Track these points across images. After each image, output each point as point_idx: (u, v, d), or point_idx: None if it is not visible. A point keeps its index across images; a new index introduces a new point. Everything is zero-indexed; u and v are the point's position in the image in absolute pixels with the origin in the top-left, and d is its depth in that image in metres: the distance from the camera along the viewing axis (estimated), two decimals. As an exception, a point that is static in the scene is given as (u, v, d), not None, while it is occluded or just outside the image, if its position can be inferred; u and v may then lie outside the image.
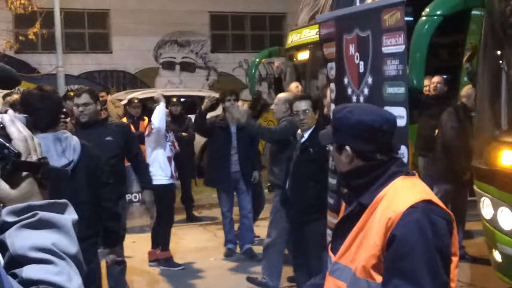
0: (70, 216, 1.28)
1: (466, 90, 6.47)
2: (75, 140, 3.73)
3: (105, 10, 16.24)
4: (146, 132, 6.70)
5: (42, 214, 1.23)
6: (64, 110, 6.57)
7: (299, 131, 5.24)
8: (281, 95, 6.45)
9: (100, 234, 4.03)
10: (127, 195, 7.90)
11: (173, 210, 6.83)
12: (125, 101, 9.77)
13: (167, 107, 6.92)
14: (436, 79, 7.12)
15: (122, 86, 16.25)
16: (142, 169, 5.66)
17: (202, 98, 12.20)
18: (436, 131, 6.56)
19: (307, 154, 5.01)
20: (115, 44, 16.41)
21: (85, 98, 5.07)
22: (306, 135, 5.08)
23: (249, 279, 6.09)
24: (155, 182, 6.59)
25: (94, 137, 5.00)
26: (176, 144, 6.94)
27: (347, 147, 2.17)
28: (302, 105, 5.06)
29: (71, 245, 1.25)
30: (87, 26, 16.31)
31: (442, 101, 6.92)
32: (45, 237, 1.22)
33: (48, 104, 3.71)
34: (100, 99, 7.92)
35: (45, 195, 1.30)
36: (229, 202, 7.14)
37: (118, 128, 5.38)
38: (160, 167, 6.62)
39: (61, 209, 1.28)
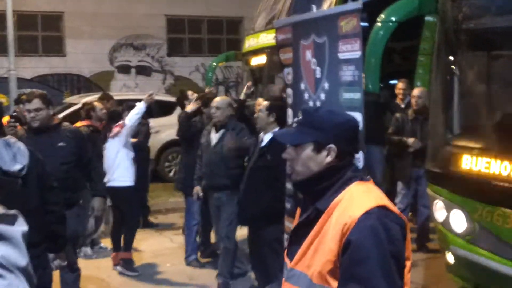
0: (19, 227, 1.25)
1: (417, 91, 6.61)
2: (22, 145, 3.67)
3: (59, 13, 16.00)
4: (112, 133, 6.63)
5: None
6: (15, 114, 6.46)
7: (260, 135, 5.22)
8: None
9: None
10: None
11: (139, 211, 6.77)
12: (79, 105, 9.60)
13: (123, 113, 6.87)
14: (416, 92, 7.02)
15: (76, 89, 16.01)
16: (94, 176, 5.49)
17: (158, 102, 12.15)
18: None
19: (264, 159, 5.00)
20: (69, 47, 16.18)
21: (36, 103, 4.94)
22: (266, 139, 5.05)
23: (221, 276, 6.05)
24: (121, 184, 6.56)
25: (46, 143, 4.91)
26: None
27: (332, 146, 2.16)
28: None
29: (21, 258, 1.22)
30: (40, 29, 16.03)
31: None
32: None
33: None
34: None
35: None
36: (198, 212, 6.87)
37: (71, 134, 5.25)
38: (126, 169, 6.57)
39: (11, 221, 1.24)
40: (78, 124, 7.15)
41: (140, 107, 6.53)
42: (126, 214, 6.75)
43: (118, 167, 6.58)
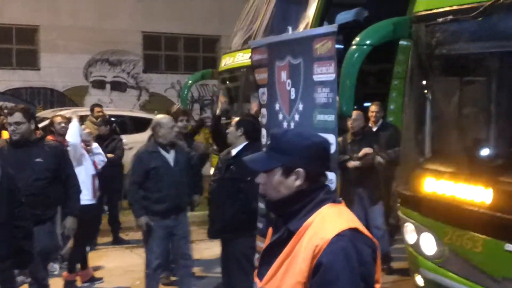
0: None
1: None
2: None
3: (34, 26, 15.88)
4: None
5: None
6: None
7: (230, 149, 5.28)
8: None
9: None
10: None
11: (90, 231, 6.65)
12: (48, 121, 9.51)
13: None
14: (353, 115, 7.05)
15: (49, 103, 15.86)
16: (70, 194, 5.39)
17: (133, 119, 12.10)
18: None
19: (229, 171, 5.05)
20: (44, 60, 16.06)
21: (17, 117, 4.95)
22: (233, 153, 5.12)
23: None
24: None
25: (23, 157, 4.92)
26: (96, 163, 6.80)
27: (300, 170, 2.17)
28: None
29: None
30: (14, 42, 15.89)
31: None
32: None
33: None
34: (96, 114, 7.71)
35: None
36: None
37: (51, 150, 5.20)
38: (82, 185, 6.46)
39: None
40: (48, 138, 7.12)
41: (71, 125, 6.36)
42: (78, 232, 6.62)
43: None
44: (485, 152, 4.73)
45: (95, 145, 7.00)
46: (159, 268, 5.92)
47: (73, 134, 6.28)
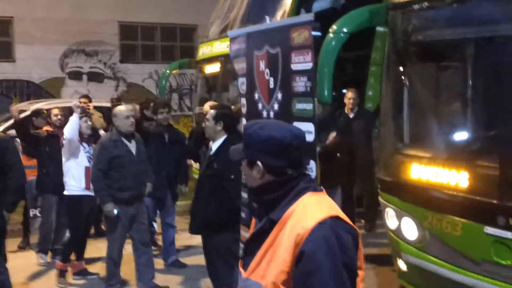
0: None
1: None
2: None
3: (8, 18, 15.66)
4: (62, 143, 6.58)
5: None
6: None
7: (210, 143, 5.22)
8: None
9: None
10: (31, 210, 7.75)
11: (82, 222, 6.66)
12: (28, 112, 9.43)
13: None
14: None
15: (25, 96, 15.69)
16: (9, 185, 5.42)
17: (110, 109, 12.00)
18: None
19: (211, 168, 4.98)
20: (19, 52, 15.86)
21: None
22: (214, 148, 5.04)
23: None
24: (67, 192, 6.49)
25: None
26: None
27: (258, 163, 2.20)
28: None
29: None
30: (-11, 34, 15.69)
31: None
32: None
33: None
34: (82, 105, 7.80)
35: None
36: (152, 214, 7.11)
37: None
38: (73, 177, 6.49)
39: None
40: (44, 128, 7.21)
41: (72, 119, 6.39)
42: (69, 224, 6.77)
43: (66, 176, 6.55)
44: (462, 136, 4.80)
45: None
46: (120, 255, 6.11)
47: (71, 129, 6.32)
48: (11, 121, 9.33)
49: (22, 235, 8.11)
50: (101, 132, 7.64)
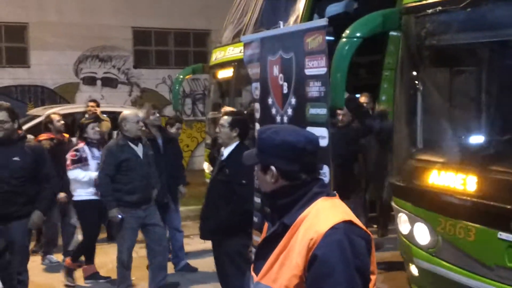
0: None
1: None
2: None
3: (23, 24, 15.78)
4: (69, 155, 6.62)
5: None
6: None
7: (222, 149, 5.23)
8: None
9: None
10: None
11: (93, 226, 6.71)
12: (42, 118, 9.50)
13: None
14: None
15: (40, 101, 15.79)
16: (42, 191, 5.47)
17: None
18: None
19: (223, 173, 4.98)
20: (34, 58, 15.97)
21: (2, 115, 5.13)
22: (225, 153, 5.04)
23: None
24: (77, 198, 6.55)
25: (2, 155, 5.03)
26: None
27: (272, 167, 2.21)
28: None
29: None
30: (4, 40, 15.80)
31: None
32: None
33: None
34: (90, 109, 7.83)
35: None
36: None
37: (29, 150, 5.35)
38: (81, 183, 6.53)
39: None
40: (42, 136, 7.17)
41: (80, 178, 6.58)
42: (82, 228, 6.86)
43: (75, 181, 6.61)
44: (476, 141, 4.77)
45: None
46: (130, 258, 6.15)
47: (77, 177, 6.58)
48: (26, 126, 9.44)
49: (35, 239, 8.17)
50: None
